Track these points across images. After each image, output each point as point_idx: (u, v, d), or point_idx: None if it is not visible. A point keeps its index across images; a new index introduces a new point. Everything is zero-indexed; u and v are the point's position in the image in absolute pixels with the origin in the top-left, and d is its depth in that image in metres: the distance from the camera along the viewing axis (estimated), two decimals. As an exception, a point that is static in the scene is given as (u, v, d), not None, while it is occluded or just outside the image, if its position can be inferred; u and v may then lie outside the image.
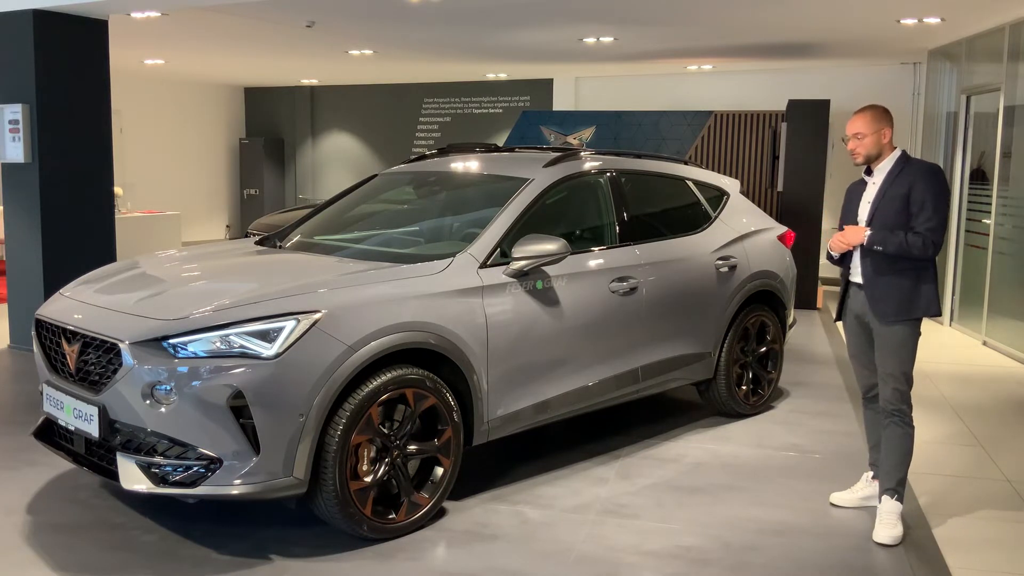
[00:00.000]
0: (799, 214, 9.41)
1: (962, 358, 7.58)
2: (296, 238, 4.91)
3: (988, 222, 8.10)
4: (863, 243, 3.82)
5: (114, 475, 3.54)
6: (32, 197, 6.92)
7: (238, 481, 3.39)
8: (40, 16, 6.77)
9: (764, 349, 5.70)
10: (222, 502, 3.81)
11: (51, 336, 3.97)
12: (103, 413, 3.56)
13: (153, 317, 3.59)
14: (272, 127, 16.28)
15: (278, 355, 3.41)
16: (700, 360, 5.27)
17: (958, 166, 8.84)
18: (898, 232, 3.77)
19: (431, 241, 4.81)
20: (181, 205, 13.91)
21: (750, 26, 8.40)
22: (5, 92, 6.96)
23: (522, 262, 4.18)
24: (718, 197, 5.74)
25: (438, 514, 3.97)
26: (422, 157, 5.61)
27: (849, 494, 4.22)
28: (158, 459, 3.47)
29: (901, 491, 3.91)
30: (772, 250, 5.78)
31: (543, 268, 4.29)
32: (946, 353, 7.74)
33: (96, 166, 7.28)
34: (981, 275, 8.21)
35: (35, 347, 4.10)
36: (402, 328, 3.72)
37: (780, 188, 9.78)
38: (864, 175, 4.00)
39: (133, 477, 3.48)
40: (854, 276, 3.99)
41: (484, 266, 4.15)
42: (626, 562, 3.61)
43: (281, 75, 14.34)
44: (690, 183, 5.63)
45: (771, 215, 8.50)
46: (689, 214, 5.53)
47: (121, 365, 3.51)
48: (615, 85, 13.16)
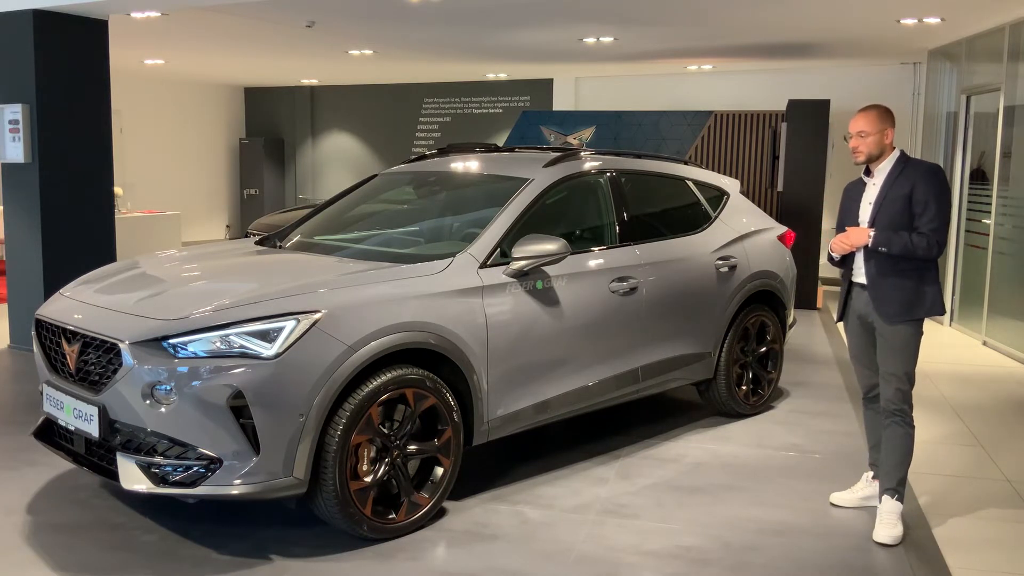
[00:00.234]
0: (799, 214, 9.41)
1: (962, 358, 7.58)
2: (296, 238, 4.91)
3: (988, 222, 8.10)
4: (867, 244, 3.82)
5: (114, 475, 3.54)
6: (32, 197, 6.92)
7: (238, 481, 3.39)
8: (40, 16, 6.77)
9: (764, 349, 5.70)
10: (222, 502, 3.81)
11: (51, 336, 3.97)
12: (103, 413, 3.57)
13: (153, 317, 3.59)
14: (272, 127, 16.28)
15: (278, 355, 3.41)
16: (700, 360, 5.27)
17: (958, 166, 8.84)
18: (902, 233, 3.77)
19: (431, 241, 4.80)
20: (181, 205, 13.91)
21: (750, 26, 8.40)
22: (5, 92, 6.96)
23: (522, 262, 4.18)
24: (718, 197, 5.74)
25: (438, 514, 3.97)
26: (422, 157, 5.61)
27: (849, 494, 4.22)
28: (158, 459, 3.47)
29: (901, 491, 3.91)
30: (772, 250, 5.79)
31: (543, 268, 4.29)
32: (946, 353, 7.74)
33: (96, 166, 7.28)
34: (981, 275, 8.21)
35: (35, 347, 4.10)
36: (402, 328, 3.72)
37: (780, 188, 9.77)
38: (863, 176, 4.00)
39: (133, 477, 3.48)
40: (857, 277, 3.98)
41: (484, 266, 4.15)
42: (626, 562, 3.61)
43: (281, 75, 14.34)
44: (690, 183, 5.63)
45: (771, 215, 8.50)
46: (689, 214, 5.53)
47: (121, 365, 3.51)
48: (615, 85, 13.16)
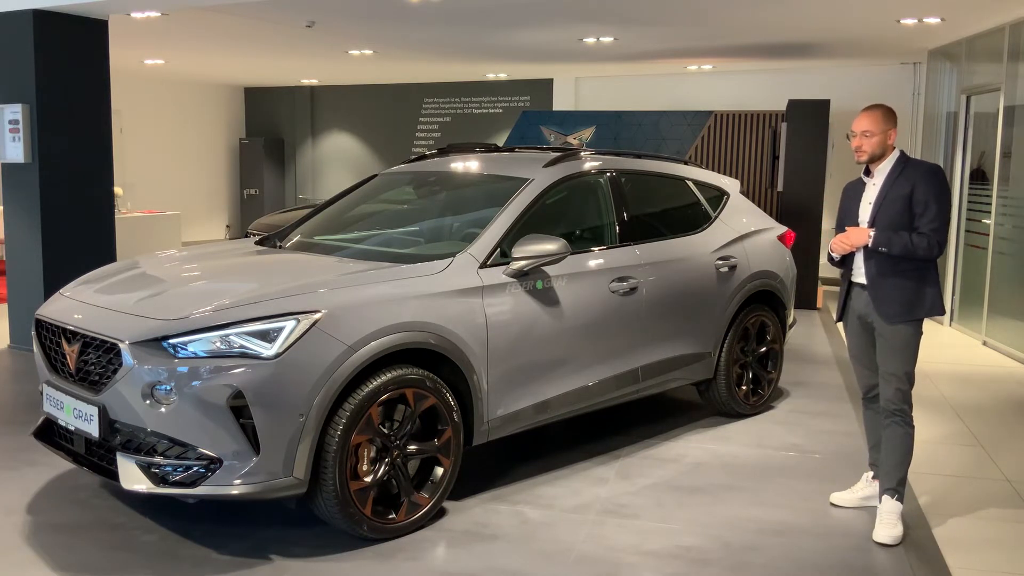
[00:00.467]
0: (799, 214, 9.41)
1: (962, 358, 7.58)
2: (296, 238, 4.91)
3: (988, 222, 8.10)
4: (868, 244, 3.82)
5: (114, 475, 3.54)
6: (32, 197, 6.92)
7: (238, 481, 3.39)
8: (40, 16, 6.77)
9: (764, 349, 5.70)
10: (222, 502, 3.81)
11: (51, 336, 3.97)
12: (103, 413, 3.56)
13: (153, 317, 3.59)
14: (272, 127, 16.28)
15: (278, 355, 3.41)
16: (700, 360, 5.27)
17: (958, 166, 8.83)
18: (902, 233, 3.77)
19: (431, 241, 4.80)
20: (181, 205, 13.91)
21: (750, 26, 8.40)
22: (5, 92, 6.96)
23: (522, 262, 4.18)
24: (718, 197, 5.74)
25: (438, 514, 3.97)
26: (422, 157, 5.61)
27: (849, 494, 4.22)
28: (158, 459, 3.47)
29: (901, 491, 3.91)
30: (772, 250, 5.79)
31: (543, 268, 4.29)
32: (946, 353, 7.74)
33: (96, 166, 7.28)
34: (981, 275, 8.21)
35: (35, 347, 4.10)
36: (402, 328, 3.72)
37: (780, 188, 9.77)
38: (863, 175, 4.00)
39: (133, 477, 3.48)
40: (857, 277, 3.98)
41: (484, 266, 4.14)
42: (626, 562, 3.61)
43: (281, 75, 14.34)
44: (690, 183, 5.63)
45: (771, 215, 8.50)
46: (689, 214, 5.53)
47: (121, 365, 3.51)
48: (615, 85, 13.16)
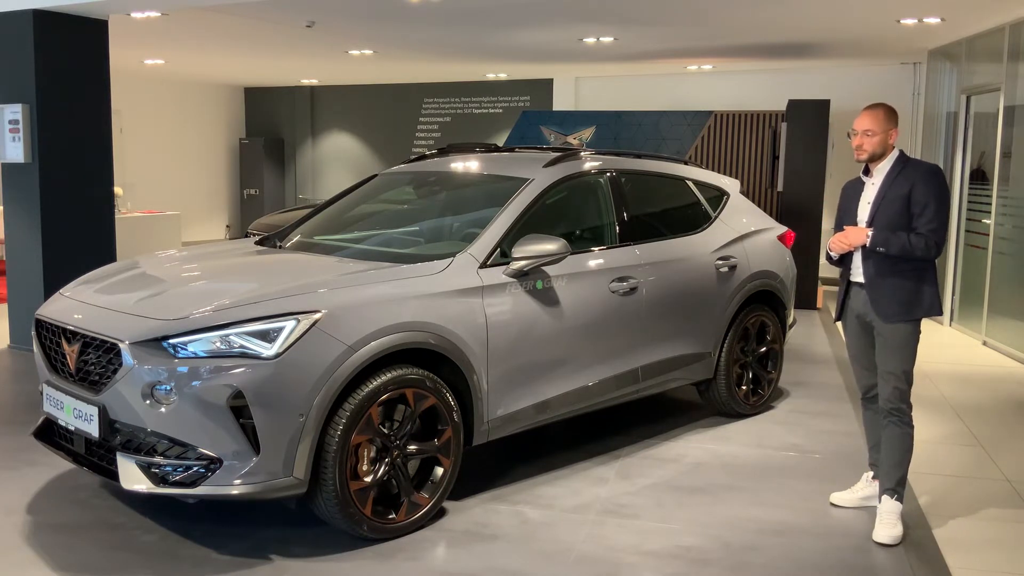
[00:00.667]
0: (799, 214, 9.41)
1: (962, 358, 7.58)
2: (296, 238, 4.91)
3: (988, 222, 8.10)
4: (866, 244, 3.82)
5: (114, 475, 3.54)
6: (32, 197, 6.92)
7: (238, 481, 3.39)
8: (40, 16, 6.77)
9: (764, 349, 5.70)
10: (222, 502, 3.81)
11: (51, 336, 3.97)
12: (103, 413, 3.56)
13: (153, 317, 3.59)
14: (272, 127, 16.28)
15: (278, 355, 3.41)
16: (700, 360, 5.27)
17: (958, 166, 8.83)
18: (900, 233, 3.77)
19: (431, 241, 4.80)
20: (181, 205, 13.91)
21: (750, 26, 8.40)
22: (5, 92, 6.96)
23: (522, 262, 4.18)
24: (718, 197, 5.74)
25: (438, 514, 3.97)
26: (422, 157, 5.61)
27: (849, 494, 4.22)
28: (158, 459, 3.47)
29: (901, 491, 3.91)
30: (772, 250, 5.79)
31: (543, 268, 4.29)
32: (946, 353, 7.74)
33: (96, 166, 7.27)
34: (981, 275, 8.21)
35: (35, 347, 4.10)
36: (402, 328, 3.72)
37: (780, 188, 9.77)
38: (862, 175, 4.00)
39: (133, 477, 3.48)
40: (855, 276, 3.98)
41: (484, 266, 4.14)
42: (626, 562, 3.61)
43: (281, 75, 14.34)
44: (690, 183, 5.63)
45: (771, 215, 8.50)
46: (689, 214, 5.53)
47: (121, 365, 3.51)
48: (615, 85, 13.16)
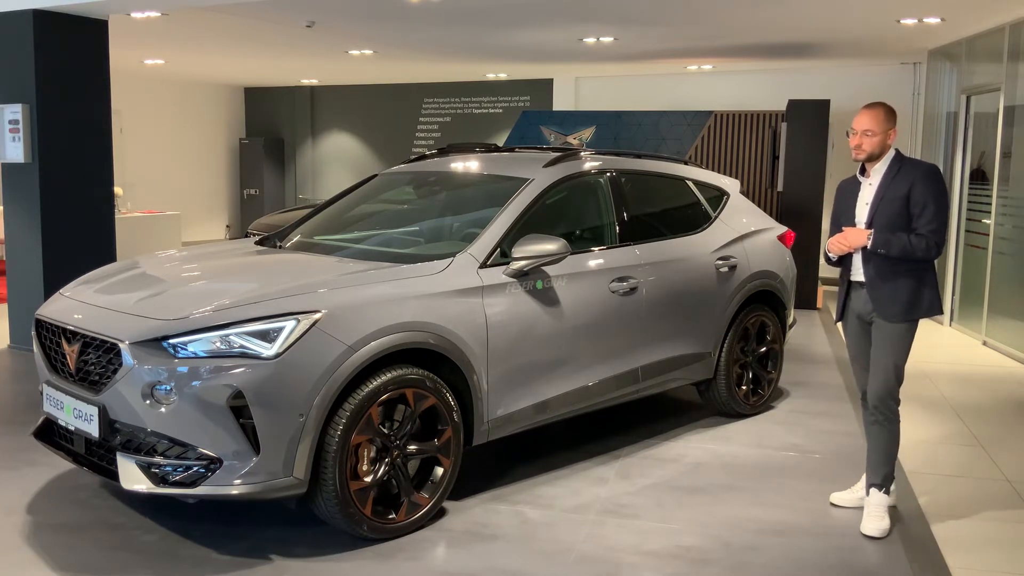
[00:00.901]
0: (799, 214, 9.41)
1: (962, 358, 7.58)
2: (296, 238, 4.91)
3: (988, 222, 8.10)
4: (867, 246, 3.82)
5: (114, 475, 3.54)
6: (32, 197, 6.92)
7: (238, 481, 3.39)
8: (40, 16, 6.77)
9: (764, 349, 5.70)
10: (222, 502, 3.81)
11: (51, 336, 3.97)
12: (103, 413, 3.56)
13: (153, 317, 3.59)
14: (272, 127, 16.28)
15: (278, 355, 3.41)
16: (700, 360, 5.27)
17: (958, 166, 8.83)
18: (900, 235, 3.77)
19: (431, 241, 4.80)
20: (181, 205, 13.91)
21: (750, 26, 8.40)
22: (5, 92, 6.96)
23: (522, 262, 4.18)
24: (718, 197, 5.74)
25: (438, 514, 3.97)
26: (422, 157, 5.61)
27: (849, 494, 4.22)
28: (158, 459, 3.47)
29: (888, 484, 3.96)
30: (772, 250, 5.79)
31: (543, 268, 4.29)
32: (946, 353, 7.74)
33: (96, 166, 7.27)
34: (981, 275, 8.21)
35: (35, 347, 4.10)
36: (402, 328, 3.72)
37: (780, 188, 9.77)
38: (858, 174, 4.00)
39: (133, 477, 3.48)
40: (855, 275, 3.99)
41: (484, 266, 4.14)
42: (626, 562, 3.61)
43: (281, 75, 14.34)
44: (690, 183, 5.63)
45: (771, 215, 8.50)
46: (689, 214, 5.53)
47: (121, 365, 3.51)
48: (615, 85, 13.16)
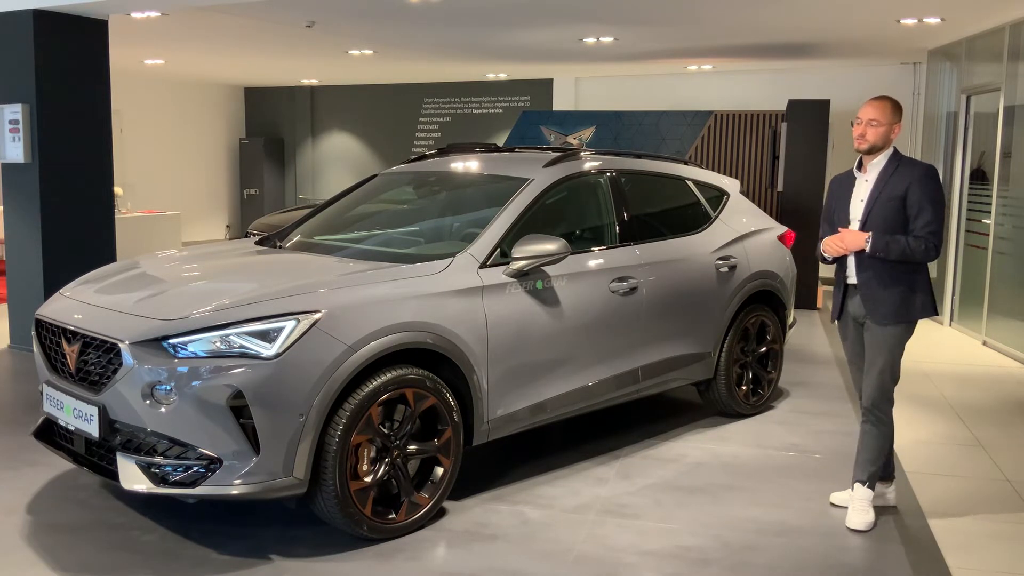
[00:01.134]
0: (799, 214, 9.40)
1: (962, 358, 7.58)
2: (296, 238, 4.91)
3: (988, 222, 8.10)
4: (865, 250, 3.82)
5: (114, 475, 3.54)
6: (32, 197, 6.92)
7: (238, 481, 3.39)
8: (40, 16, 6.77)
9: (764, 349, 5.70)
10: (222, 502, 3.81)
11: (51, 336, 3.97)
12: (103, 413, 3.56)
13: (153, 317, 3.59)
14: (272, 127, 16.28)
15: (278, 355, 3.42)
16: (700, 360, 5.27)
17: (958, 166, 8.83)
18: (899, 238, 3.77)
19: (431, 241, 4.80)
20: (181, 205, 13.91)
21: (750, 26, 8.40)
22: (5, 92, 6.96)
23: (522, 262, 4.18)
24: (718, 197, 5.74)
25: (438, 514, 3.97)
26: (422, 157, 5.61)
27: (849, 494, 4.22)
28: (158, 459, 3.47)
29: (873, 481, 4.03)
30: (772, 250, 5.78)
31: (543, 268, 4.29)
32: (946, 353, 7.74)
33: (96, 166, 7.27)
34: (981, 275, 8.21)
35: (35, 347, 4.10)
36: (402, 328, 3.72)
37: (780, 188, 9.77)
38: (854, 170, 3.99)
39: (133, 477, 3.48)
40: (851, 278, 3.98)
41: (484, 266, 4.15)
42: (626, 562, 3.61)
43: (281, 75, 14.34)
44: (690, 183, 5.63)
45: (771, 215, 8.50)
46: (689, 214, 5.53)
47: (121, 365, 3.51)
48: (615, 85, 13.16)
